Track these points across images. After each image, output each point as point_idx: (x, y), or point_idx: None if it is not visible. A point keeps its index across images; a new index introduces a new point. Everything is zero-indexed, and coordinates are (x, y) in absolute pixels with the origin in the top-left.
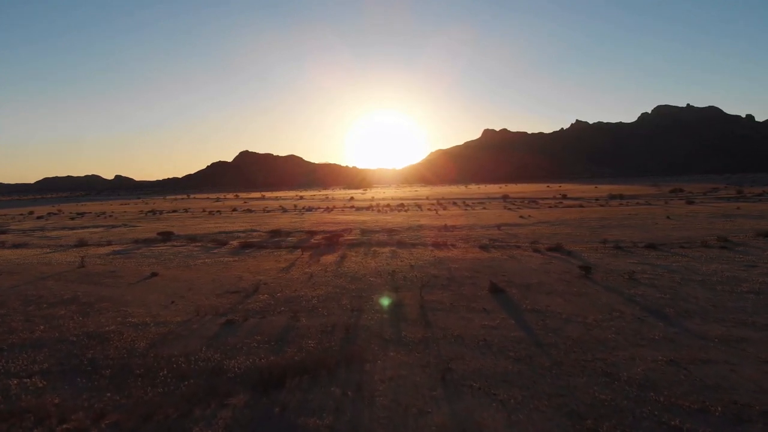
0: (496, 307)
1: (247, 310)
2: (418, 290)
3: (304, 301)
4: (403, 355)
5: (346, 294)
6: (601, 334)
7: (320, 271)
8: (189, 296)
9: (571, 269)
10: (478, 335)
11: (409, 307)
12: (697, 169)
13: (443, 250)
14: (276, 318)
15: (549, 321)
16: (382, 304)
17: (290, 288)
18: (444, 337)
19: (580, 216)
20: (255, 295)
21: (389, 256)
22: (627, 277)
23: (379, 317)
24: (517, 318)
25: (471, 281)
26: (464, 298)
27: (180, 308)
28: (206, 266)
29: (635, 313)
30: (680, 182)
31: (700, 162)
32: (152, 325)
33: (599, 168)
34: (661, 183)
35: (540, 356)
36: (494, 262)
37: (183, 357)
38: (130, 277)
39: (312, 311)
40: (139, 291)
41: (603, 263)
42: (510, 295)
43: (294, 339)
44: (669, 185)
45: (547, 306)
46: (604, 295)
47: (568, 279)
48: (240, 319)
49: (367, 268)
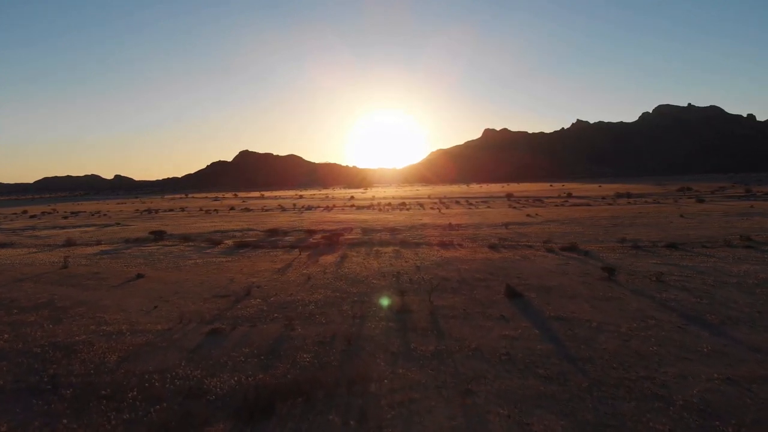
0: (516, 313)
1: (236, 316)
2: (427, 294)
3: (300, 306)
4: (415, 373)
5: (346, 298)
6: (640, 346)
7: (319, 273)
8: (174, 300)
9: (591, 270)
10: (499, 348)
11: (418, 314)
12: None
13: (450, 250)
14: (268, 326)
15: (578, 330)
16: (387, 310)
17: (285, 291)
18: (460, 349)
19: (589, 215)
20: (246, 299)
21: (393, 256)
22: (654, 280)
23: (385, 326)
24: (541, 327)
25: (484, 284)
26: (478, 304)
27: (162, 314)
28: (197, 267)
29: (673, 321)
30: (683, 181)
31: (701, 161)
32: (128, 334)
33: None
34: (666, 182)
35: (575, 374)
36: (507, 263)
37: (158, 374)
38: (114, 278)
39: (309, 318)
40: (120, 294)
41: (625, 264)
42: (529, 300)
43: (287, 352)
44: (674, 184)
45: (572, 312)
46: (633, 300)
47: (590, 281)
48: (227, 327)
49: (369, 270)
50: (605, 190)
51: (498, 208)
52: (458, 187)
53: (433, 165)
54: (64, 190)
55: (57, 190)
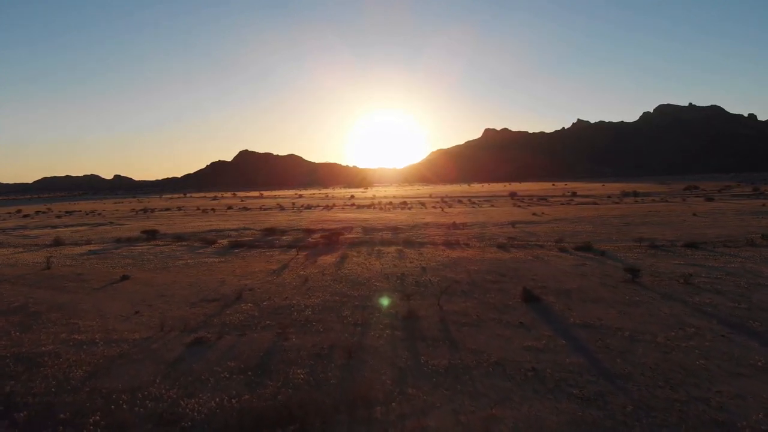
0: (536, 320)
1: (223, 323)
2: (436, 298)
3: (295, 312)
4: (427, 393)
5: (347, 303)
6: (684, 359)
7: (317, 275)
8: (158, 305)
9: (610, 272)
10: (523, 362)
11: (427, 321)
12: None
13: (457, 250)
14: (259, 335)
15: (609, 340)
16: (392, 317)
17: (280, 295)
18: (478, 364)
19: (598, 213)
20: (236, 303)
21: (396, 256)
22: (682, 282)
23: (390, 334)
24: (567, 336)
25: (497, 286)
26: (493, 308)
27: (143, 320)
28: (187, 268)
29: (714, 329)
30: (685, 181)
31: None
32: (101, 344)
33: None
34: (670, 181)
35: (616, 395)
36: (518, 264)
37: (127, 393)
38: (97, 280)
39: (305, 326)
40: (101, 298)
41: (646, 265)
42: (549, 305)
43: (278, 367)
44: (678, 183)
45: (599, 319)
46: (663, 305)
47: (612, 284)
48: (213, 337)
49: (371, 271)
50: (609, 189)
51: (502, 207)
52: (459, 186)
53: (433, 165)
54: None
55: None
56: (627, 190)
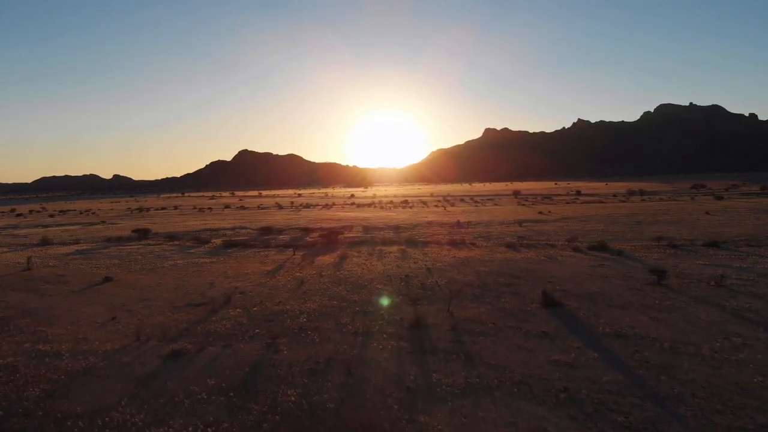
0: (560, 329)
1: (207, 332)
2: (445, 303)
3: (288, 318)
4: (442, 423)
5: (346, 308)
6: (739, 375)
7: (314, 276)
8: (138, 310)
9: (632, 273)
10: (552, 380)
11: (437, 330)
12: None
13: (463, 250)
14: (246, 346)
15: (647, 352)
16: (397, 324)
17: (272, 299)
18: (500, 383)
19: (606, 212)
20: (224, 308)
21: (399, 256)
22: (714, 284)
23: (395, 346)
24: (598, 347)
25: (511, 290)
26: (510, 315)
27: (119, 328)
28: (175, 269)
29: (762, 338)
30: (686, 180)
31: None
32: (67, 356)
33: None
34: (673, 180)
35: (669, 423)
36: (531, 264)
37: (86, 419)
38: (78, 282)
39: (298, 335)
40: (78, 302)
41: (669, 265)
42: (572, 311)
43: (266, 386)
44: (683, 183)
45: (631, 327)
46: (699, 310)
47: (636, 286)
48: (193, 348)
49: (372, 272)
50: (613, 188)
51: (506, 206)
52: (460, 186)
53: (433, 165)
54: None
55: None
56: (633, 189)
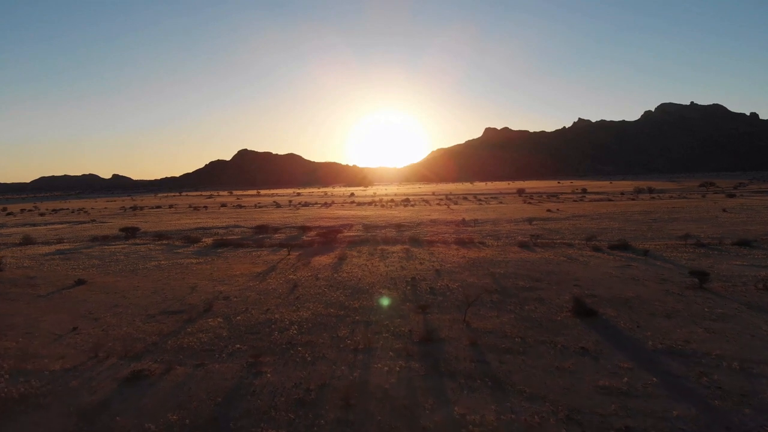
0: (601, 344)
1: (179, 348)
2: (460, 311)
3: (276, 330)
4: None
5: (344, 317)
6: None
7: (309, 279)
8: (106, 318)
9: (666, 275)
10: (607, 415)
11: (453, 345)
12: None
13: (473, 249)
14: (222, 367)
15: (717, 375)
16: (404, 337)
17: (260, 306)
18: (543, 421)
19: (617, 209)
20: (204, 317)
21: (403, 257)
22: (762, 287)
23: (405, 367)
24: (654, 369)
25: (534, 295)
26: (538, 326)
27: (77, 341)
28: (158, 271)
29: None
30: (689, 178)
31: (704, 159)
32: (6, 377)
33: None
34: (677, 179)
35: None
36: (552, 266)
37: None
38: (48, 285)
39: (287, 352)
40: (42, 308)
41: (704, 266)
42: (610, 320)
43: (241, 424)
44: (689, 181)
45: (686, 341)
46: (756, 319)
47: (676, 291)
48: (159, 368)
49: (374, 274)
50: (617, 187)
51: (511, 204)
52: (462, 185)
53: (433, 164)
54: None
55: (54, 190)
56: (641, 187)
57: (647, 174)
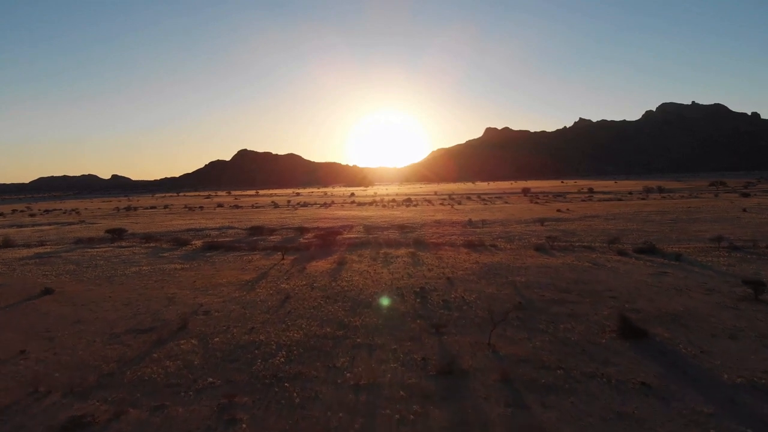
0: (664, 376)
1: (138, 381)
2: (483, 331)
3: (260, 357)
4: None
5: (343, 339)
6: None
7: (303, 289)
8: (63, 338)
9: (711, 284)
10: None
11: (480, 379)
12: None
13: (485, 254)
14: (186, 411)
15: None
16: (417, 367)
17: (243, 323)
18: None
19: (630, 209)
20: (176, 337)
21: (409, 262)
22: None
23: (421, 414)
24: (744, 416)
25: (566, 310)
26: (581, 352)
27: (22, 368)
28: (137, 278)
29: None
30: (691, 178)
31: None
32: None
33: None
34: (680, 178)
35: None
36: (577, 273)
37: None
38: (13, 295)
39: (269, 389)
40: None
41: (749, 273)
42: (666, 344)
43: None
44: (694, 181)
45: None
46: None
47: (729, 304)
48: (106, 413)
49: (378, 283)
50: (623, 186)
51: (517, 204)
52: (464, 184)
53: (434, 164)
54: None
55: (53, 190)
56: (650, 187)
57: (648, 174)
